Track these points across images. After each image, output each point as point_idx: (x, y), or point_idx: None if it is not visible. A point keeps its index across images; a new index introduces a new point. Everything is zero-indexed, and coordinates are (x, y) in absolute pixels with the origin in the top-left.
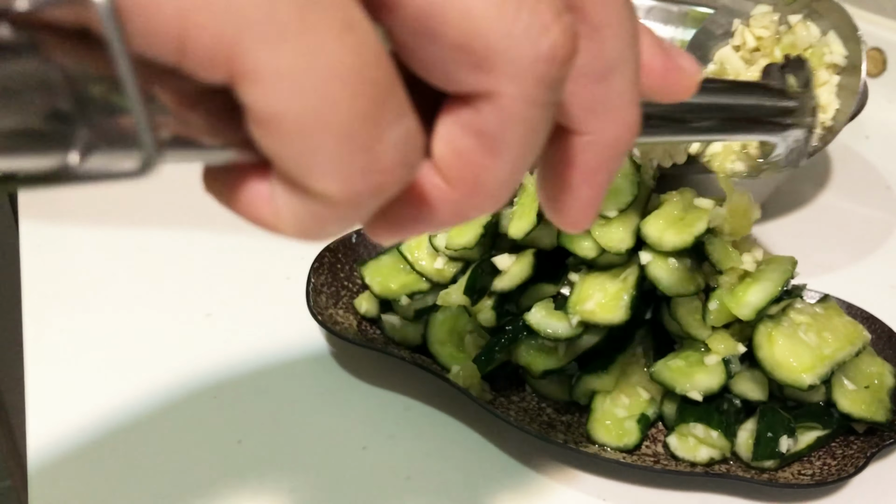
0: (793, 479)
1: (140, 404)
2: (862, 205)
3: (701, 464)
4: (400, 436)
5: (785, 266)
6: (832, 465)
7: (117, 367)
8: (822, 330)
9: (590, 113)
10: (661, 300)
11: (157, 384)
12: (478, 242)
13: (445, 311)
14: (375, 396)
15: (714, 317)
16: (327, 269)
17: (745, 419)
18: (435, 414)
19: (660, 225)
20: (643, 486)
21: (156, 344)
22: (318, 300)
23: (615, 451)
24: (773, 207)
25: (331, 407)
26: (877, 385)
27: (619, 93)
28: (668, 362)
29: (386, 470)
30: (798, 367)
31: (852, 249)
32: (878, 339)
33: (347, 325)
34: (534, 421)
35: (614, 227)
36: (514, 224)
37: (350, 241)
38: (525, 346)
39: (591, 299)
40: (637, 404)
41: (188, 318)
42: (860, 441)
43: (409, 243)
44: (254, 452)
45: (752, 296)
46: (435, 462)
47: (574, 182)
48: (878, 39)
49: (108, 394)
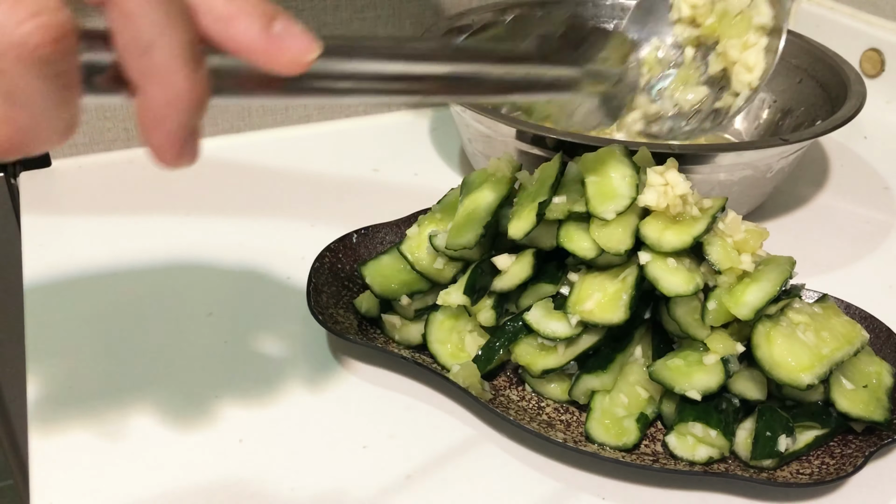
0: (791, 479)
1: (140, 404)
2: (860, 205)
3: (700, 463)
4: (400, 436)
5: (783, 266)
6: (831, 465)
7: (118, 367)
8: (820, 329)
9: (142, 78)
10: (660, 300)
11: (157, 384)
12: (478, 242)
13: (445, 311)
14: (375, 396)
15: (713, 316)
16: (328, 268)
17: (744, 418)
18: (435, 414)
19: (659, 226)
20: (642, 485)
21: (157, 344)
22: (318, 300)
23: (614, 450)
24: (771, 207)
25: (331, 407)
26: (875, 384)
27: (162, 64)
28: (667, 361)
29: (386, 470)
30: (796, 366)
31: (850, 249)
32: (877, 339)
33: (348, 324)
34: (533, 420)
35: (613, 228)
36: (513, 224)
37: (350, 241)
38: (524, 346)
39: (591, 299)
40: (636, 403)
41: (189, 317)
42: (859, 440)
43: (409, 243)
44: (254, 452)
45: (751, 295)
46: (435, 462)
47: (148, 127)
48: (876, 40)
49: (108, 393)
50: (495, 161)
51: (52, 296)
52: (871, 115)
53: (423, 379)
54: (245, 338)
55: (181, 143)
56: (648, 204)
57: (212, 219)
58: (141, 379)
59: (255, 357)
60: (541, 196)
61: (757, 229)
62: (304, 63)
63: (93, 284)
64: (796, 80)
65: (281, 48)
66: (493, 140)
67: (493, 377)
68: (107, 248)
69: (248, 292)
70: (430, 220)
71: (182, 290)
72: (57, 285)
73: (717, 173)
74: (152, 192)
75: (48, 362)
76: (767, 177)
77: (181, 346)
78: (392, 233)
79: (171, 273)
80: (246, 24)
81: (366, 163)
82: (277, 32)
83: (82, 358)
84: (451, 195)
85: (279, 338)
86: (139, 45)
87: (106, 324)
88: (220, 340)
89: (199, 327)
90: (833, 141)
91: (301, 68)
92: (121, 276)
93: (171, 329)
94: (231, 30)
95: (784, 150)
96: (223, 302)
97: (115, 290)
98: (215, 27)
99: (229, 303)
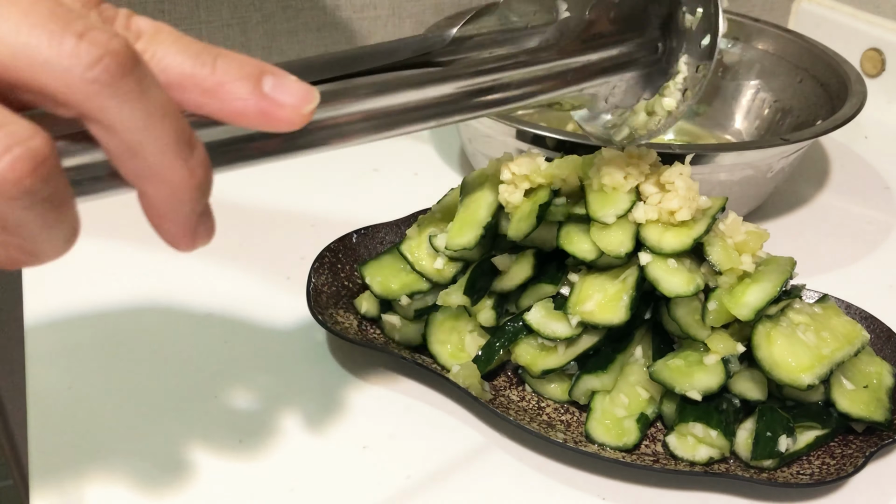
0: (792, 479)
1: (140, 404)
2: (861, 205)
3: (700, 463)
4: (400, 436)
5: (784, 266)
6: (831, 465)
7: (118, 367)
8: (820, 330)
9: (139, 180)
10: (661, 300)
11: (157, 384)
12: (478, 243)
13: (445, 311)
14: (375, 396)
15: (713, 317)
16: (327, 269)
17: (745, 419)
18: (435, 414)
19: (659, 228)
20: (642, 485)
21: (156, 344)
22: (318, 300)
23: (614, 451)
24: (771, 207)
25: (331, 407)
26: (876, 385)
27: (154, 164)
28: (668, 362)
29: (386, 470)
30: (797, 366)
31: (851, 249)
32: (877, 339)
33: (348, 324)
34: (533, 420)
35: (613, 231)
36: (513, 225)
37: (350, 241)
38: (525, 346)
39: (591, 300)
40: (636, 404)
41: (189, 317)
42: (859, 440)
43: (409, 243)
44: (254, 452)
45: (751, 296)
46: (435, 462)
47: (156, 222)
48: (877, 39)
49: (108, 393)
50: (495, 161)
51: (51, 296)
52: (872, 115)
53: (423, 379)
54: (245, 338)
55: (193, 229)
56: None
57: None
58: (141, 379)
59: (255, 357)
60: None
61: (757, 231)
62: (305, 115)
63: (92, 284)
64: (797, 79)
65: (277, 105)
66: (493, 140)
67: (493, 377)
68: (107, 247)
69: (248, 292)
70: (430, 220)
71: (182, 290)
72: (57, 285)
73: (717, 173)
74: None
75: (48, 362)
76: (768, 177)
77: (181, 346)
78: (392, 233)
79: (171, 273)
80: (235, 90)
81: (366, 163)
82: (269, 90)
83: (82, 358)
84: (450, 195)
85: (279, 338)
86: (127, 150)
87: (106, 324)
88: (220, 340)
89: (199, 327)
90: (833, 141)
91: (303, 121)
92: (120, 275)
93: (171, 329)
94: (221, 101)
95: (784, 149)
96: (223, 302)
97: (115, 290)
98: (204, 101)
99: (229, 303)
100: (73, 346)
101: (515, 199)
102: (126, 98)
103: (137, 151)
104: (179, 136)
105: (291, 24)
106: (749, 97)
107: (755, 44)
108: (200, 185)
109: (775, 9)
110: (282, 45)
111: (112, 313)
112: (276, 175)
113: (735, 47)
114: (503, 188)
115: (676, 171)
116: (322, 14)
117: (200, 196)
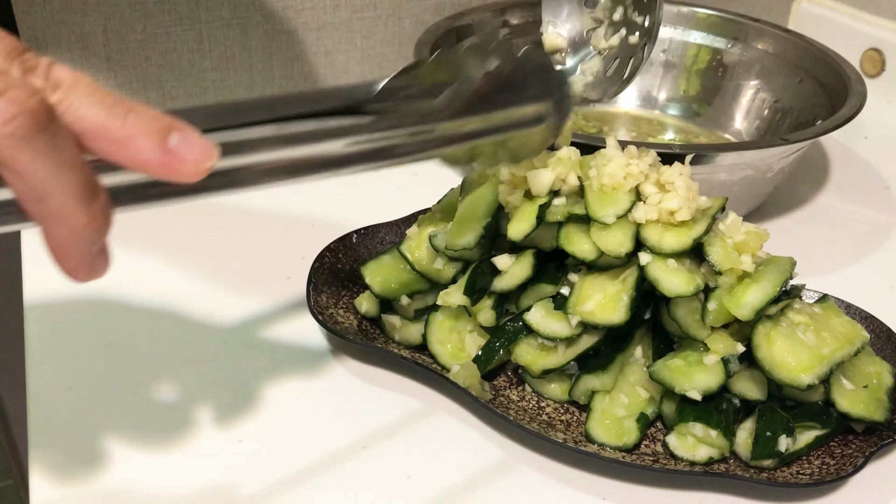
0: (791, 479)
1: (140, 404)
2: (861, 205)
3: (700, 463)
4: (400, 436)
5: (784, 266)
6: (831, 465)
7: (118, 367)
8: (820, 330)
9: (44, 220)
10: (661, 300)
11: (157, 384)
12: (478, 243)
13: (445, 311)
14: (375, 396)
15: (713, 317)
16: (328, 268)
17: (744, 419)
18: (435, 414)
19: (659, 228)
20: (642, 485)
21: (156, 344)
22: (318, 300)
23: (614, 451)
24: (771, 207)
25: (331, 407)
26: (875, 384)
27: (58, 209)
28: (668, 362)
29: (386, 470)
30: (797, 366)
31: (851, 249)
32: (877, 339)
33: (348, 324)
34: (533, 420)
35: (613, 231)
36: (512, 226)
37: (350, 241)
38: (525, 346)
39: (591, 300)
40: (636, 404)
41: (189, 317)
42: (859, 440)
43: (409, 243)
44: (254, 452)
45: (751, 296)
46: (435, 462)
47: (57, 256)
48: (877, 40)
49: (108, 393)
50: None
51: (51, 296)
52: (872, 115)
53: (423, 379)
54: (245, 338)
55: (89, 265)
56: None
57: (212, 218)
58: (141, 379)
59: (255, 357)
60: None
61: (757, 231)
62: (204, 171)
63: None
64: (797, 79)
65: (179, 160)
66: None
67: (493, 377)
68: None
69: (248, 292)
70: (430, 220)
71: (182, 290)
72: (56, 286)
73: (717, 173)
74: None
75: (48, 363)
76: (768, 177)
77: (181, 346)
78: (392, 233)
79: (171, 273)
80: (141, 143)
81: None
82: (174, 146)
83: (82, 358)
84: (451, 195)
85: (279, 338)
86: (34, 195)
87: (106, 324)
88: (220, 340)
89: (199, 327)
90: (833, 141)
91: (201, 175)
92: (120, 275)
93: (171, 329)
94: (129, 152)
95: (784, 149)
96: (223, 302)
97: (115, 290)
98: (113, 150)
99: (229, 303)
100: (73, 346)
101: (515, 199)
102: (38, 151)
103: (44, 197)
104: (84, 186)
105: (291, 24)
106: (749, 97)
107: (755, 44)
108: (100, 228)
109: (775, 9)
110: (282, 45)
111: (112, 313)
112: None
113: (735, 47)
114: (503, 188)
115: (676, 171)
116: (322, 14)
117: (98, 237)
